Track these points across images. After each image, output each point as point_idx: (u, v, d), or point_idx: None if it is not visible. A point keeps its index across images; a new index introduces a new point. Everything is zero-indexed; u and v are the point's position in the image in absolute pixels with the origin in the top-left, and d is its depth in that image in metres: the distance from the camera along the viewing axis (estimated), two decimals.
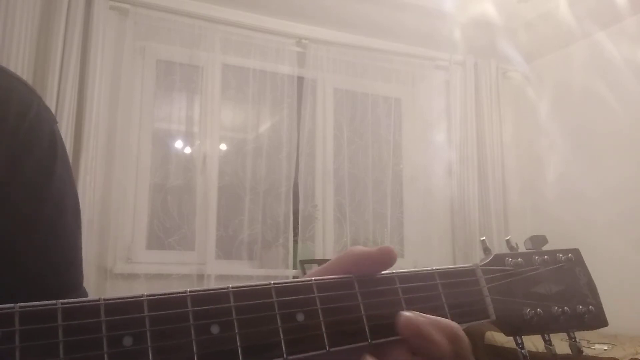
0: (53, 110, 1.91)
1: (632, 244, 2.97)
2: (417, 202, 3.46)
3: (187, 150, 3.03)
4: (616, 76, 3.14)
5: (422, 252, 3.37)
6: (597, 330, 0.53)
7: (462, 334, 0.40)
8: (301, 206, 3.16)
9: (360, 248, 0.41)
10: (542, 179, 3.56)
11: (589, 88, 3.30)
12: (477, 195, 3.48)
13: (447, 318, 0.43)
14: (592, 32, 3.27)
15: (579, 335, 0.52)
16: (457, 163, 3.51)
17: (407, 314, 0.39)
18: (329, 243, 3.18)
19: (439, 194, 3.48)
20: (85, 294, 0.58)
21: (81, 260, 0.59)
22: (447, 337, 0.39)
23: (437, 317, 0.40)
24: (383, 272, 0.42)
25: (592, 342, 2.49)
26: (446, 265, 0.49)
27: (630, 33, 3.13)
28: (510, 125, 3.73)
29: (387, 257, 0.41)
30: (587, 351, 2.38)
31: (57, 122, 0.57)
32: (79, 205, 0.59)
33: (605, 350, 2.40)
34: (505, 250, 0.54)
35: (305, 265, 2.99)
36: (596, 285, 0.55)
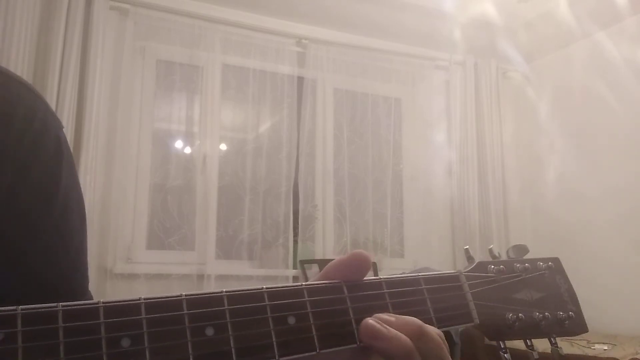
0: (53, 110, 1.91)
1: (632, 244, 2.97)
2: (417, 202, 3.47)
3: (187, 150, 3.03)
4: (616, 76, 3.14)
5: (422, 252, 3.38)
6: (597, 330, 0.54)
7: (428, 330, 0.40)
8: (301, 206, 3.16)
9: (336, 259, 0.44)
10: (542, 179, 3.56)
11: (589, 88, 3.31)
12: (477, 195, 3.48)
13: (433, 322, 0.45)
14: (592, 32, 3.28)
15: (581, 335, 0.53)
16: (457, 163, 3.51)
17: (369, 321, 0.40)
18: (329, 243, 3.18)
19: (439, 194, 3.49)
20: (90, 299, 0.58)
21: (87, 264, 0.59)
22: (411, 334, 0.40)
23: (402, 316, 0.41)
24: (371, 277, 0.44)
25: (592, 342, 2.49)
26: (446, 265, 0.51)
27: (630, 33, 3.13)
28: (510, 125, 3.73)
29: (360, 261, 0.43)
30: (587, 351, 2.39)
31: (63, 128, 0.58)
32: (84, 211, 0.59)
33: (605, 350, 2.40)
34: (503, 255, 0.56)
35: (305, 265, 2.99)
36: (596, 285, 0.56)
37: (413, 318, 0.41)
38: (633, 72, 3.07)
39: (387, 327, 0.40)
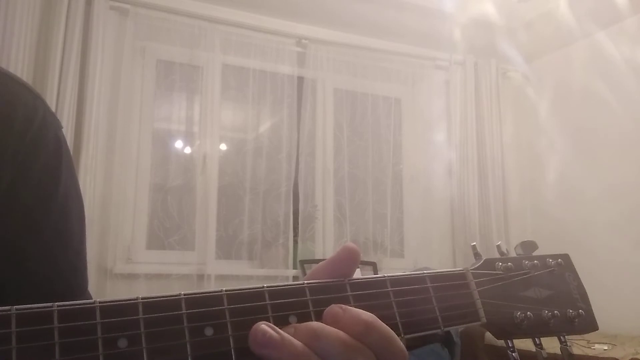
0: (53, 110, 1.91)
1: (632, 244, 2.97)
2: (417, 202, 3.46)
3: (187, 150, 3.03)
4: (616, 76, 3.14)
5: (422, 252, 3.37)
6: (597, 330, 0.53)
7: (325, 332, 0.37)
8: (301, 206, 3.16)
9: (324, 261, 0.43)
10: (542, 179, 3.56)
11: (589, 88, 3.30)
12: (477, 196, 3.48)
13: (438, 321, 0.44)
14: (592, 32, 3.27)
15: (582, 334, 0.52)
16: (457, 163, 3.51)
17: (259, 325, 0.37)
18: (329, 243, 3.18)
19: (439, 194, 3.48)
20: (89, 299, 0.58)
21: (86, 264, 0.59)
22: (305, 338, 0.36)
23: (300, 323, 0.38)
24: (375, 275, 0.43)
25: (592, 342, 2.49)
26: (446, 265, 0.50)
27: (630, 33, 3.13)
28: (510, 125, 3.73)
29: (352, 253, 0.42)
30: (587, 351, 2.38)
31: (62, 127, 0.58)
32: (83, 211, 0.59)
33: (605, 350, 2.40)
34: (512, 252, 0.55)
35: (305, 265, 2.99)
36: (596, 285, 0.55)
37: (310, 323, 0.38)
38: (633, 72, 3.06)
39: (280, 332, 0.36)
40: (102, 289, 2.60)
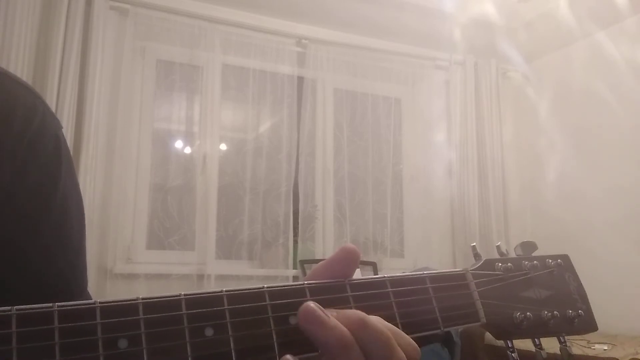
0: (53, 110, 1.91)
1: (632, 244, 2.97)
2: (417, 202, 3.46)
3: (187, 150, 3.03)
4: (616, 76, 3.14)
5: (422, 252, 3.37)
6: (597, 330, 0.53)
7: (371, 321, 0.37)
8: (301, 206, 3.16)
9: (324, 261, 0.43)
10: (542, 179, 3.56)
11: (589, 88, 3.30)
12: (477, 196, 3.48)
13: (438, 321, 0.44)
14: (592, 32, 3.27)
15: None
16: (457, 163, 3.51)
17: (310, 304, 0.37)
18: (329, 243, 3.18)
19: (439, 194, 3.48)
20: (89, 298, 0.58)
21: (85, 264, 0.59)
22: (351, 326, 0.37)
23: (344, 309, 0.39)
24: (375, 276, 0.43)
25: (592, 342, 2.49)
26: (446, 265, 0.50)
27: (630, 33, 3.13)
28: (510, 125, 3.73)
29: (350, 254, 0.42)
30: (587, 351, 2.38)
31: (62, 128, 0.58)
32: (83, 210, 0.59)
33: (605, 350, 2.40)
34: (512, 252, 0.55)
35: (305, 265, 2.99)
36: (596, 285, 0.55)
37: (355, 310, 0.39)
38: (633, 72, 3.06)
39: (328, 314, 0.37)
40: (102, 289, 2.60)
